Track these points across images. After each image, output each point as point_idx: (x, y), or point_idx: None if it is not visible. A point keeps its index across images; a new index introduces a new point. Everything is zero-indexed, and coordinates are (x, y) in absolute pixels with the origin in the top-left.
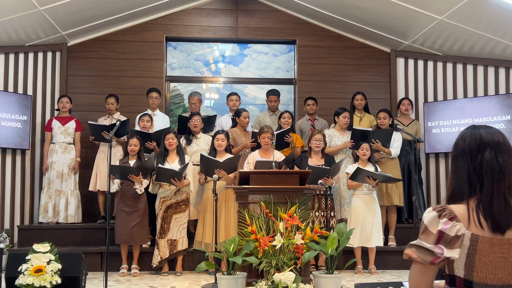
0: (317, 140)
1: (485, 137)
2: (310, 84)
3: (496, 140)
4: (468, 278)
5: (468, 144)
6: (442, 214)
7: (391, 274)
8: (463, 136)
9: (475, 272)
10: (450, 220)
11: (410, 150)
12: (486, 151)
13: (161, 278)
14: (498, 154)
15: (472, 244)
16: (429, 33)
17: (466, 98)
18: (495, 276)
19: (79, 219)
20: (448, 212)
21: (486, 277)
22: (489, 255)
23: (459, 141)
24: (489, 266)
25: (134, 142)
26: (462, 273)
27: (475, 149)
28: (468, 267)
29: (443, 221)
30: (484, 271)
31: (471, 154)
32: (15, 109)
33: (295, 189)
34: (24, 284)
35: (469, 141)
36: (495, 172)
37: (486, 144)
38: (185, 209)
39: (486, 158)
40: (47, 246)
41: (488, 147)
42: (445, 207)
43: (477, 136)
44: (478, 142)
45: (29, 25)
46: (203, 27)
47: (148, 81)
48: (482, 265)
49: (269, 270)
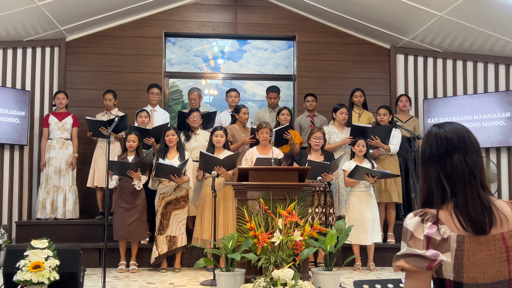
0: (317, 138)
1: (452, 138)
2: (309, 81)
3: (462, 139)
4: (458, 280)
5: (436, 148)
6: (425, 219)
7: (390, 271)
8: (429, 141)
9: (465, 273)
10: (434, 224)
11: (408, 147)
12: (454, 155)
13: (160, 274)
14: (466, 156)
15: (459, 245)
16: (429, 30)
17: (466, 95)
18: (484, 274)
19: (77, 215)
20: (430, 215)
21: (476, 276)
22: (477, 254)
23: (426, 146)
24: (478, 265)
25: (132, 138)
26: (452, 275)
27: (443, 153)
28: (457, 269)
29: (427, 226)
30: (473, 271)
31: (440, 159)
32: (13, 104)
33: (294, 185)
34: (22, 280)
35: (436, 145)
36: (465, 175)
37: (453, 147)
38: (184, 205)
39: (455, 162)
40: (45, 242)
41: (455, 150)
42: (426, 210)
43: (443, 140)
44: (446, 145)
45: (28, 20)
46: (202, 23)
47: (147, 77)
48: (471, 265)
49: (268, 267)
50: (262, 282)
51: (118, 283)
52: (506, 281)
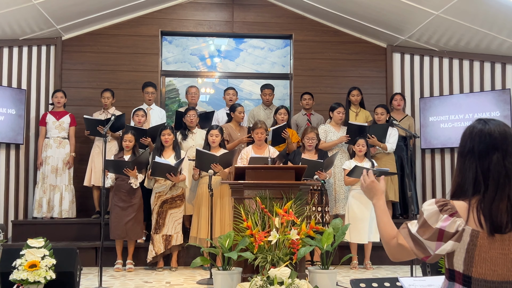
0: (310, 139)
1: (496, 137)
2: (306, 79)
3: (505, 140)
4: (467, 273)
5: (478, 144)
6: (444, 209)
7: (386, 270)
8: (472, 134)
9: (474, 268)
10: (451, 216)
11: (403, 145)
12: (494, 154)
13: (156, 273)
14: (505, 157)
15: (472, 240)
16: (425, 28)
17: (462, 94)
18: (494, 272)
19: (73, 214)
20: (450, 207)
21: (485, 273)
22: (489, 251)
23: (468, 140)
24: (489, 262)
25: (128, 137)
26: (462, 268)
27: (484, 151)
28: (467, 263)
29: (443, 218)
30: (483, 267)
31: (480, 156)
32: (9, 103)
33: (290, 184)
34: (18, 280)
35: (479, 141)
36: (501, 176)
37: (495, 146)
38: (180, 204)
39: (493, 161)
40: (42, 241)
41: (496, 150)
42: (447, 201)
43: (487, 135)
44: (488, 143)
45: (23, 18)
46: (199, 22)
47: (143, 75)
48: (481, 261)
49: (265, 266)
50: (259, 281)
51: (115, 282)
52: None
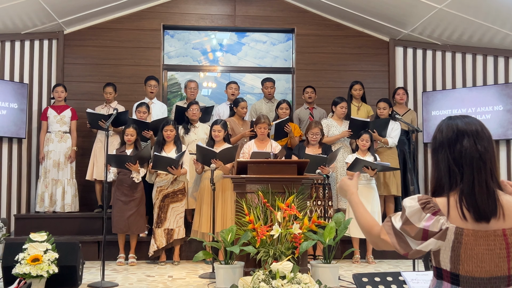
0: (314, 134)
1: (462, 127)
2: (308, 73)
3: (474, 129)
4: (454, 271)
5: (446, 135)
6: (426, 207)
7: (388, 264)
8: (440, 128)
9: (461, 266)
10: (433, 215)
11: (405, 139)
12: (464, 140)
13: (159, 267)
14: (477, 141)
15: (457, 238)
16: (428, 22)
17: (465, 88)
18: (481, 268)
19: (76, 208)
20: (433, 205)
21: (472, 270)
22: (475, 248)
23: (437, 133)
24: (475, 259)
25: (130, 131)
26: (449, 266)
27: (453, 138)
28: (454, 261)
29: (426, 217)
30: (470, 264)
31: (450, 144)
32: (11, 97)
33: (293, 178)
34: (21, 273)
35: (447, 131)
36: (475, 160)
37: (463, 133)
38: (182, 198)
39: (465, 147)
40: (44, 235)
41: (466, 136)
42: (430, 199)
43: (454, 126)
44: (456, 131)
45: (25, 12)
46: (201, 15)
47: (145, 69)
48: (468, 258)
49: (267, 260)
50: (261, 275)
51: (117, 276)
52: (505, 277)
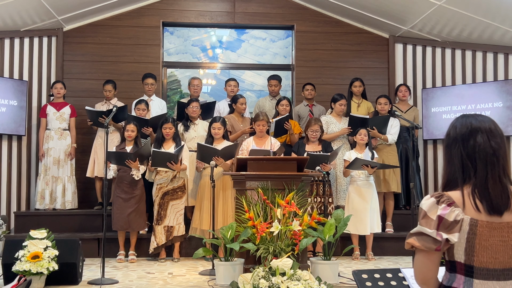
0: (314, 131)
1: (476, 124)
2: (308, 70)
3: (488, 126)
4: (468, 263)
5: (460, 131)
6: (441, 200)
7: (388, 261)
8: (454, 125)
9: (476, 257)
10: (449, 206)
11: (408, 136)
12: (478, 136)
13: (159, 264)
14: (490, 138)
15: (472, 229)
16: (427, 19)
17: (464, 84)
18: (495, 260)
19: (76, 205)
20: (446, 198)
21: (487, 261)
22: (489, 239)
23: (451, 130)
24: (490, 250)
25: (131, 128)
26: (463, 258)
27: (466, 135)
28: (468, 252)
29: (441, 207)
30: (484, 255)
31: (463, 140)
32: (11, 94)
33: (292, 175)
34: (21, 271)
35: (461, 128)
36: (488, 156)
37: (477, 129)
38: (181, 195)
39: (478, 142)
40: (44, 232)
41: (480, 132)
42: (442, 193)
43: (468, 123)
44: (470, 128)
45: (25, 10)
46: (200, 12)
47: (144, 66)
48: (482, 250)
49: (267, 257)
50: (261, 271)
51: (117, 273)
52: None
